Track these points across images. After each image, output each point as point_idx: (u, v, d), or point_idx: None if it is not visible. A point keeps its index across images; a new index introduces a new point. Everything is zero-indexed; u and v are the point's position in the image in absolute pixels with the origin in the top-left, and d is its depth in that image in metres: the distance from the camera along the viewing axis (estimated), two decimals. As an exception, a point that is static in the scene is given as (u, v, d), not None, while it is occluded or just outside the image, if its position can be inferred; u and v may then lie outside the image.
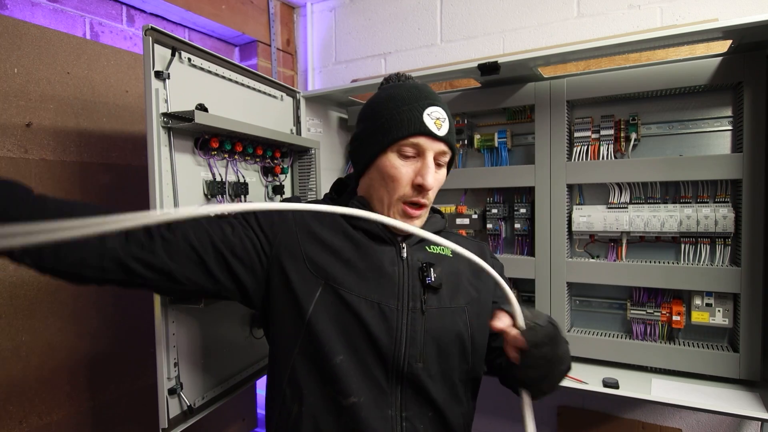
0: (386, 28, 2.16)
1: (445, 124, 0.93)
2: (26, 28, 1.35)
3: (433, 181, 0.92)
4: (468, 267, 1.03)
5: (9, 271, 1.31)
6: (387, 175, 0.94)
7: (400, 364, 0.90)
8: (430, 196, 0.95)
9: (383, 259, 0.94)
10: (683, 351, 1.38)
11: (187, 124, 1.13)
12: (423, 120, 0.91)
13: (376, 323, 0.89)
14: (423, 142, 0.91)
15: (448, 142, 0.94)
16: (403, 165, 0.92)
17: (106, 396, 1.54)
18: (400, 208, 0.94)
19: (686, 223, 1.39)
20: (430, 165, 0.92)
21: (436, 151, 0.93)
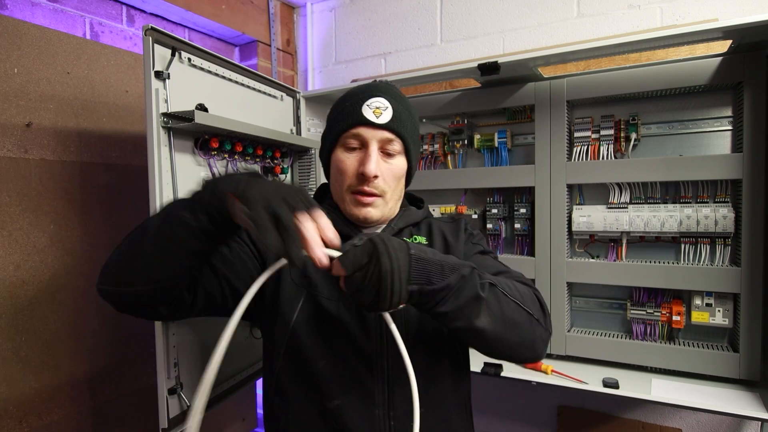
0: (386, 28, 2.16)
1: (386, 113, 0.93)
2: (26, 28, 1.35)
3: (374, 169, 0.91)
4: (440, 246, 1.03)
5: (9, 271, 1.31)
6: (336, 169, 0.97)
7: (383, 362, 0.90)
8: (378, 185, 0.94)
9: None
10: (683, 351, 1.38)
11: (187, 124, 1.13)
12: (361, 111, 0.93)
13: (355, 323, 0.91)
14: (363, 132, 0.93)
15: (391, 129, 0.93)
16: (347, 157, 0.95)
17: (106, 396, 1.54)
18: (352, 198, 0.95)
19: (686, 223, 1.39)
20: (371, 154, 0.92)
21: (379, 140, 0.93)
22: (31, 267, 1.36)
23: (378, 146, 0.94)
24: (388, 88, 0.99)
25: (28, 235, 1.35)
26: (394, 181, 0.96)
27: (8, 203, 1.31)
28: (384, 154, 0.95)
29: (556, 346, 1.53)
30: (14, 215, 1.32)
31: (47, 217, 1.39)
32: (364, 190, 0.93)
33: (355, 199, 0.95)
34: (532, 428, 1.87)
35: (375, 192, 0.94)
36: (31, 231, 1.36)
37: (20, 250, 1.33)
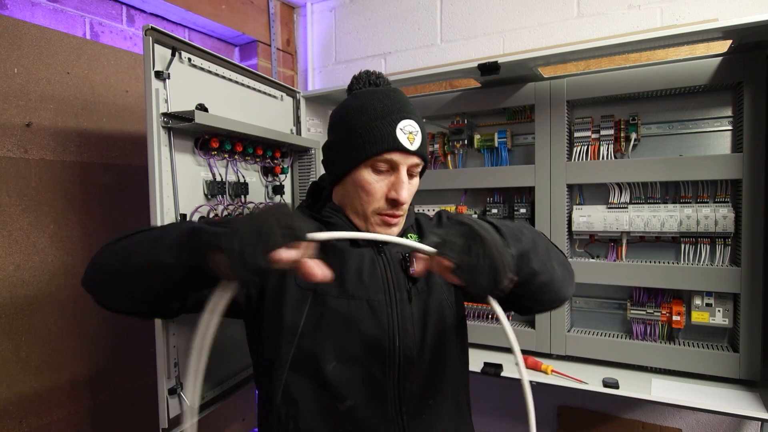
0: (386, 28, 2.16)
1: (417, 137, 0.93)
2: (26, 28, 1.35)
3: (408, 196, 0.93)
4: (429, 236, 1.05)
5: (9, 271, 1.31)
6: (362, 189, 0.94)
7: (395, 357, 0.90)
8: (405, 208, 0.96)
9: (363, 258, 0.95)
10: (683, 351, 1.38)
11: (187, 124, 1.13)
12: (396, 136, 0.91)
13: (367, 320, 0.90)
14: (396, 158, 0.91)
15: (421, 155, 0.94)
16: (377, 180, 0.93)
17: (106, 396, 1.54)
18: (378, 219, 0.95)
19: (686, 223, 1.39)
20: (403, 180, 0.92)
21: (409, 165, 0.93)
22: (31, 267, 1.36)
23: (405, 170, 0.94)
24: (409, 104, 0.97)
25: (28, 235, 1.35)
26: (411, 198, 0.98)
27: (8, 203, 1.31)
28: (409, 176, 0.95)
29: (556, 346, 1.53)
30: (14, 215, 1.32)
31: (47, 217, 1.39)
32: (395, 214, 0.94)
33: (382, 221, 0.95)
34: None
35: (402, 214, 0.96)
36: (31, 231, 1.36)
37: (20, 250, 1.33)
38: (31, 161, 1.36)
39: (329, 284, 0.91)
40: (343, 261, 0.94)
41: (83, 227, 1.48)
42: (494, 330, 1.62)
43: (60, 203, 1.42)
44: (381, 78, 1.06)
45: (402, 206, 0.94)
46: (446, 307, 0.98)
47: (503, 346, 1.60)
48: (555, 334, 1.52)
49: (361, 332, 0.89)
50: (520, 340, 1.56)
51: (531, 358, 1.50)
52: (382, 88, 1.01)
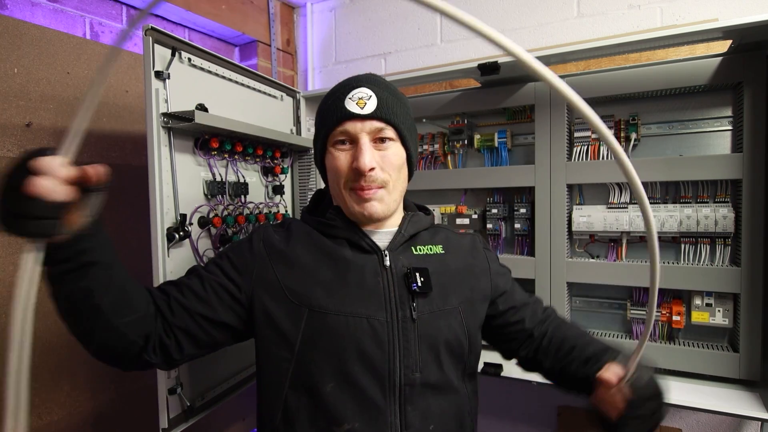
0: (386, 28, 2.16)
1: (370, 102, 0.90)
2: (26, 28, 1.35)
3: (369, 161, 0.88)
4: (462, 263, 1.00)
5: (9, 271, 1.31)
6: (331, 169, 0.94)
7: (396, 378, 0.86)
8: (377, 177, 0.90)
9: (365, 270, 0.91)
10: (683, 351, 1.38)
11: (187, 124, 1.13)
12: (344, 105, 0.90)
13: (367, 339, 0.86)
14: (350, 127, 0.90)
15: (379, 117, 0.90)
16: (339, 154, 0.92)
17: (106, 396, 1.54)
18: (352, 195, 0.92)
19: (686, 223, 1.39)
20: (363, 147, 0.89)
21: (368, 131, 0.90)
22: (31, 267, 1.35)
23: (369, 138, 0.90)
24: (370, 77, 0.95)
25: (28, 235, 1.35)
26: (393, 169, 0.92)
27: (8, 203, 1.31)
28: (377, 144, 0.91)
29: (556, 346, 1.53)
30: (14, 215, 1.32)
31: (47, 217, 1.39)
32: (362, 185, 0.90)
33: (356, 196, 0.91)
34: (532, 428, 1.87)
35: (375, 185, 0.90)
36: (31, 231, 1.35)
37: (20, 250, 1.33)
38: (31, 161, 1.36)
39: (327, 299, 0.88)
40: (346, 271, 0.90)
41: (83, 227, 1.48)
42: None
43: (60, 203, 1.42)
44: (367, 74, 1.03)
45: (370, 176, 0.89)
46: (456, 331, 0.93)
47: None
48: (555, 334, 1.52)
49: (360, 352, 0.85)
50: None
51: (531, 358, 1.50)
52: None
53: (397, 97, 0.94)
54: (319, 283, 0.89)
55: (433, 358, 0.90)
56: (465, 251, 1.03)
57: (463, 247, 1.04)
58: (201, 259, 1.26)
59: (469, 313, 0.97)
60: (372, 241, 0.94)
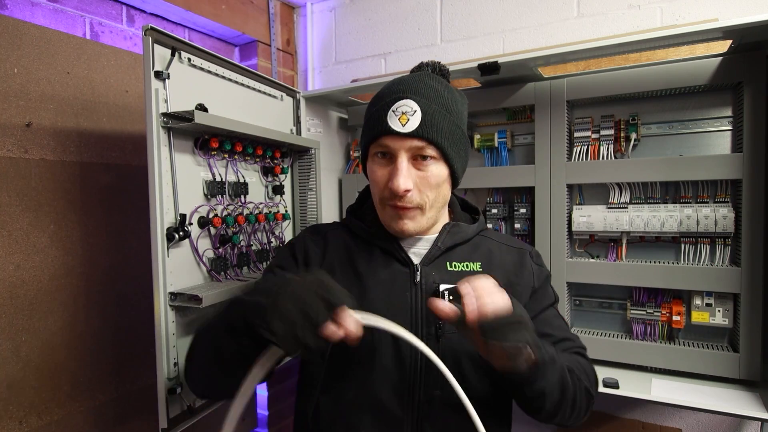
0: (386, 28, 2.16)
1: (414, 117, 0.85)
2: (26, 28, 1.35)
3: (403, 184, 0.85)
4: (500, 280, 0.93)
5: (9, 271, 1.31)
6: (370, 179, 0.93)
7: (416, 394, 0.87)
8: (412, 198, 0.88)
9: (395, 285, 0.91)
10: (683, 351, 1.38)
11: (187, 124, 1.13)
12: (386, 119, 0.86)
13: (389, 353, 0.88)
14: (389, 143, 0.87)
15: (420, 136, 0.85)
16: (379, 167, 0.90)
17: (106, 396, 1.54)
18: (390, 211, 0.91)
19: (686, 223, 1.39)
20: (399, 167, 0.86)
21: (408, 149, 0.86)
22: (31, 267, 1.36)
23: (408, 156, 0.87)
24: (418, 84, 0.89)
25: (28, 235, 1.35)
26: (431, 190, 0.89)
27: (8, 203, 1.31)
28: (417, 162, 0.88)
29: (556, 346, 1.53)
30: (14, 215, 1.32)
31: (47, 217, 1.39)
32: (396, 204, 0.88)
33: (391, 212, 0.90)
34: (532, 428, 1.87)
35: (410, 206, 0.89)
36: (31, 231, 1.36)
37: (20, 250, 1.33)
38: (31, 161, 1.36)
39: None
40: (377, 282, 0.91)
41: (83, 227, 1.48)
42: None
43: (60, 203, 1.42)
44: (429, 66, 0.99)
45: (405, 196, 0.87)
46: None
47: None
48: (555, 334, 1.52)
49: (382, 366, 0.87)
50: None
51: (531, 358, 1.50)
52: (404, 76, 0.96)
53: (446, 109, 0.89)
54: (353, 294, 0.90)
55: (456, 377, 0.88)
56: (508, 269, 0.98)
57: (507, 264, 0.99)
58: (201, 259, 1.26)
59: None
60: (407, 255, 0.94)
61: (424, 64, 1.00)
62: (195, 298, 1.13)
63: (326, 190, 1.84)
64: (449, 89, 0.93)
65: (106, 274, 1.53)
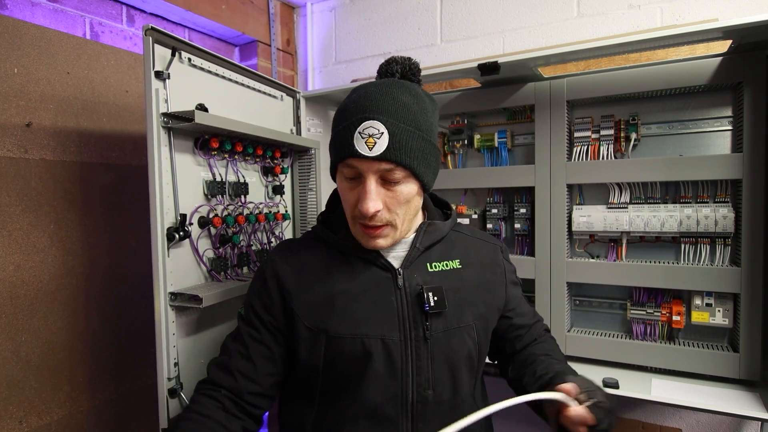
0: (386, 28, 2.16)
1: (381, 140, 0.82)
2: (26, 28, 1.35)
3: (372, 207, 0.84)
4: (479, 278, 1.00)
5: (9, 271, 1.31)
6: (341, 195, 0.93)
7: (408, 396, 0.88)
8: (383, 217, 0.87)
9: (378, 290, 0.92)
10: (683, 351, 1.38)
11: (187, 124, 1.13)
12: (352, 141, 0.84)
13: (381, 359, 0.88)
14: (357, 165, 0.85)
15: (388, 159, 0.83)
16: (348, 187, 0.89)
17: (106, 396, 1.54)
18: (360, 229, 0.90)
19: (686, 223, 1.39)
20: (368, 189, 0.84)
21: (377, 170, 0.84)
22: (31, 267, 1.36)
23: (377, 177, 0.85)
24: (385, 100, 0.86)
25: (28, 235, 1.35)
26: (400, 207, 0.88)
27: (8, 203, 1.31)
28: (386, 183, 0.87)
29: (556, 346, 1.53)
30: (14, 215, 1.32)
31: (47, 217, 1.39)
32: (367, 224, 0.88)
33: (362, 231, 0.90)
34: (532, 428, 1.87)
35: (380, 225, 0.88)
36: (31, 231, 1.36)
37: (20, 250, 1.33)
38: (31, 161, 1.36)
39: (343, 323, 0.90)
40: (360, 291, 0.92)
41: (83, 227, 1.48)
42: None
43: (60, 203, 1.42)
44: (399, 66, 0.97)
45: (376, 216, 0.86)
46: (470, 347, 0.95)
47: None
48: (555, 334, 1.51)
49: (374, 372, 0.88)
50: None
51: (531, 358, 1.50)
52: (380, 81, 0.94)
53: (414, 125, 0.86)
54: (334, 309, 0.91)
55: (446, 375, 0.92)
56: (484, 264, 1.03)
57: (483, 259, 1.03)
58: (201, 259, 1.26)
59: (482, 328, 0.98)
60: (386, 260, 0.94)
61: (393, 62, 0.98)
62: (195, 298, 1.13)
63: (326, 190, 1.84)
64: (418, 98, 0.90)
65: (106, 274, 1.53)
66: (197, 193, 1.28)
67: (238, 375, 0.92)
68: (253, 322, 0.96)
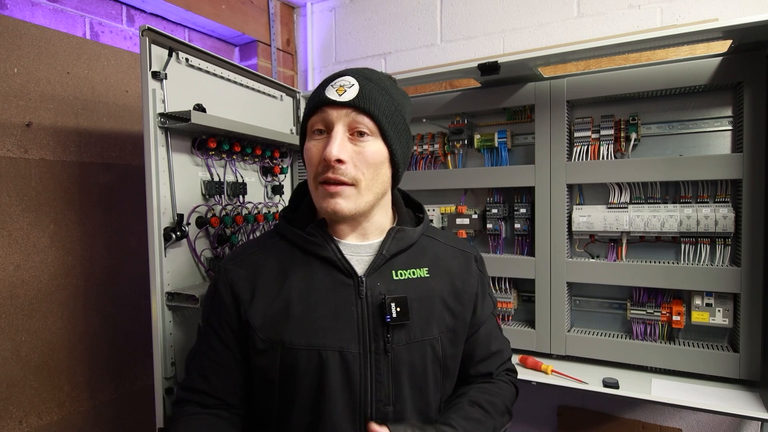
0: (386, 28, 2.16)
1: (351, 90, 0.84)
2: (26, 28, 1.35)
3: (337, 151, 0.81)
4: (449, 288, 0.94)
5: (9, 271, 1.31)
6: (306, 159, 0.88)
7: (367, 412, 0.84)
8: (347, 171, 0.83)
9: (339, 298, 0.87)
10: (683, 351, 1.38)
11: (184, 124, 1.13)
12: (324, 92, 0.85)
13: (338, 373, 0.83)
14: (327, 113, 0.84)
15: (356, 106, 0.83)
16: (314, 144, 0.86)
17: (106, 396, 1.55)
18: (322, 191, 0.85)
19: (686, 223, 1.38)
20: (335, 135, 0.82)
21: (345, 120, 0.83)
22: (31, 267, 1.36)
23: (345, 128, 0.84)
24: (362, 69, 0.90)
25: (28, 235, 1.35)
26: (367, 167, 0.84)
27: (8, 203, 1.31)
28: (354, 138, 0.84)
29: (556, 346, 1.52)
30: (14, 215, 1.33)
31: (47, 217, 1.39)
32: (328, 177, 0.83)
33: (324, 190, 0.84)
34: (532, 428, 1.87)
35: (343, 179, 0.83)
36: (31, 231, 1.36)
37: (20, 250, 1.34)
38: (31, 161, 1.36)
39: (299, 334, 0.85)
40: (319, 299, 0.87)
41: (83, 227, 1.48)
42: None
43: (60, 203, 1.42)
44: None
45: (339, 168, 0.82)
46: (432, 362, 0.90)
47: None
48: (555, 334, 1.52)
49: (332, 386, 0.83)
50: (521, 340, 1.56)
51: (531, 358, 1.50)
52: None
53: (385, 91, 0.87)
54: (290, 318, 0.85)
55: (408, 391, 0.87)
56: (454, 274, 0.97)
57: (454, 269, 0.97)
58: (198, 259, 1.26)
59: (449, 341, 0.93)
60: (349, 264, 0.88)
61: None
62: (192, 299, 1.13)
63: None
64: (394, 84, 0.92)
65: (106, 273, 1.54)
66: (195, 193, 1.28)
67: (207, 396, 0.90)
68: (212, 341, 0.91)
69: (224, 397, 0.90)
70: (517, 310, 1.67)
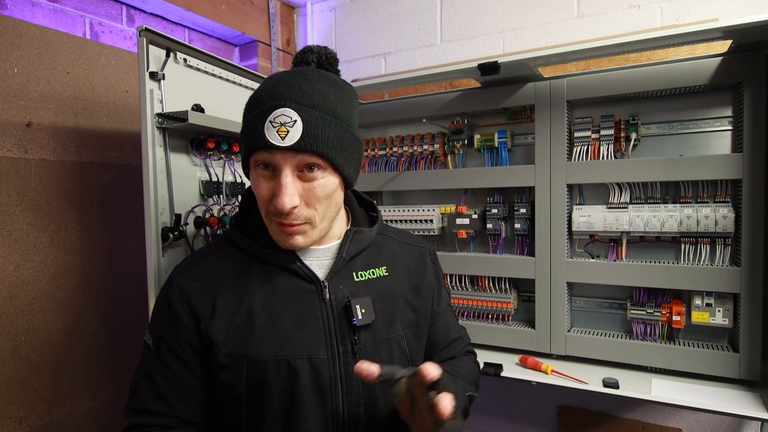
0: (386, 28, 2.16)
1: (293, 130, 0.76)
2: (26, 28, 1.36)
3: (289, 202, 0.77)
4: (408, 284, 0.96)
5: (9, 271, 1.31)
6: (254, 191, 0.84)
7: (339, 415, 0.84)
8: (300, 214, 0.80)
9: (302, 305, 0.85)
10: (683, 351, 1.38)
11: (182, 125, 1.13)
12: (263, 131, 0.76)
13: (308, 381, 0.82)
14: (270, 158, 0.78)
15: (303, 150, 0.76)
16: (262, 180, 0.81)
17: (106, 396, 1.55)
18: (275, 227, 0.83)
19: (686, 223, 1.38)
20: (283, 183, 0.77)
21: (292, 162, 0.77)
22: (31, 267, 1.36)
23: (293, 168, 0.78)
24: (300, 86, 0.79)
25: (28, 235, 1.35)
26: (319, 202, 0.81)
27: (8, 203, 1.31)
28: (303, 174, 0.79)
29: (556, 346, 1.52)
30: (14, 215, 1.33)
31: (47, 217, 1.40)
32: (282, 222, 0.80)
33: (279, 229, 0.82)
34: (532, 428, 1.87)
35: (298, 222, 0.81)
36: (31, 231, 1.36)
37: (20, 250, 1.34)
38: (31, 161, 1.36)
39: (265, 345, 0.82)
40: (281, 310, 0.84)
41: (83, 227, 1.48)
42: (494, 330, 1.62)
43: (60, 203, 1.43)
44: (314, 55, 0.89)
45: (293, 213, 0.79)
46: (400, 358, 0.91)
47: (503, 346, 1.60)
48: (555, 334, 1.52)
49: (303, 394, 0.82)
50: (521, 340, 1.56)
51: (531, 358, 1.50)
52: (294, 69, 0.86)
53: (331, 113, 0.80)
54: (254, 330, 0.83)
55: (378, 389, 0.86)
56: (412, 270, 0.98)
57: (410, 265, 0.99)
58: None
59: (413, 336, 0.94)
60: (310, 271, 0.87)
61: (308, 51, 0.89)
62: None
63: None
64: (336, 86, 0.84)
65: (105, 273, 1.54)
66: (193, 193, 1.28)
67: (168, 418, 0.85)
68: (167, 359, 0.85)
69: (187, 417, 0.86)
70: (517, 310, 1.67)
